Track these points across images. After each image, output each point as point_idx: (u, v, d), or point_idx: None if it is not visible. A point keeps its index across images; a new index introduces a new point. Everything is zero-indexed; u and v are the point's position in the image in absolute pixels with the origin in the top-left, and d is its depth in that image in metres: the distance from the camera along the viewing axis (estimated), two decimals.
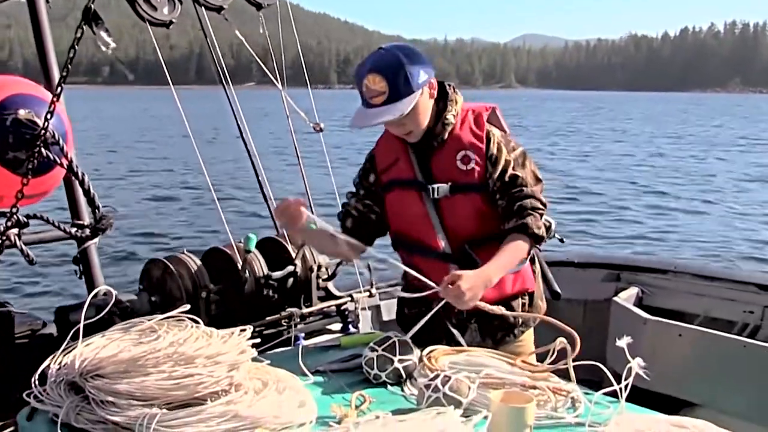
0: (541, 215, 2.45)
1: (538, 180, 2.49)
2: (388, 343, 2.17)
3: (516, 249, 2.40)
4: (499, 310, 2.35)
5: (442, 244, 2.47)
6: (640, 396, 2.04)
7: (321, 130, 3.55)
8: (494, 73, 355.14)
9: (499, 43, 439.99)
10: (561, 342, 2.04)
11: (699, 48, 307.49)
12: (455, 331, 2.50)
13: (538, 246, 2.53)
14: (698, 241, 13.15)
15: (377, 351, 2.16)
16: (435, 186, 2.44)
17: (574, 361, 2.05)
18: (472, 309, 2.32)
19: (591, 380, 2.04)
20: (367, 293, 3.25)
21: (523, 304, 2.59)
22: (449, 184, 2.44)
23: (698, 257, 11.72)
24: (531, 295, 2.63)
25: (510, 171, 2.43)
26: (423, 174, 2.48)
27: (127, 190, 18.40)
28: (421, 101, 2.39)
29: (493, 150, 2.43)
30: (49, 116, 2.32)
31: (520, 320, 2.57)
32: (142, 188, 19.00)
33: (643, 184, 20.50)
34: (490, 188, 2.44)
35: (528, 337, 2.62)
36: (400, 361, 2.15)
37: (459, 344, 2.43)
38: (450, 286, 2.21)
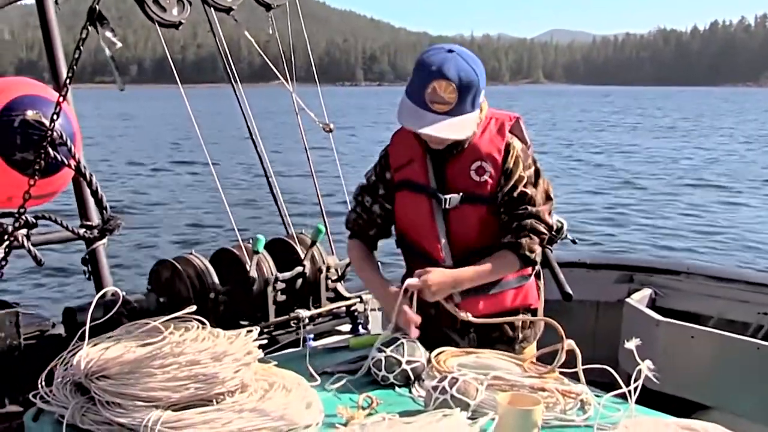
0: (542, 239, 2.41)
1: (548, 198, 2.44)
2: (395, 345, 2.15)
3: (500, 265, 2.39)
4: (466, 316, 2.34)
5: (443, 254, 2.43)
6: (653, 398, 2.02)
7: (331, 130, 3.54)
8: (521, 68, 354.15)
9: (526, 38, 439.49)
10: (569, 344, 2.01)
11: (729, 42, 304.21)
12: (455, 336, 2.48)
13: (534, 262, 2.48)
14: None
15: (385, 352, 2.15)
16: (447, 197, 2.39)
17: (586, 362, 2.02)
18: (459, 317, 2.33)
19: (603, 382, 2.00)
20: None
21: (524, 321, 2.53)
22: (461, 194, 2.39)
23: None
24: (534, 312, 2.58)
25: (520, 188, 2.38)
26: (437, 181, 2.43)
27: (138, 190, 18.54)
28: None
29: (510, 164, 2.38)
30: (55, 117, 2.33)
31: (520, 336, 2.54)
32: (153, 187, 19.12)
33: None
34: (498, 201, 2.40)
35: (530, 352, 2.55)
36: (408, 362, 2.13)
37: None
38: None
